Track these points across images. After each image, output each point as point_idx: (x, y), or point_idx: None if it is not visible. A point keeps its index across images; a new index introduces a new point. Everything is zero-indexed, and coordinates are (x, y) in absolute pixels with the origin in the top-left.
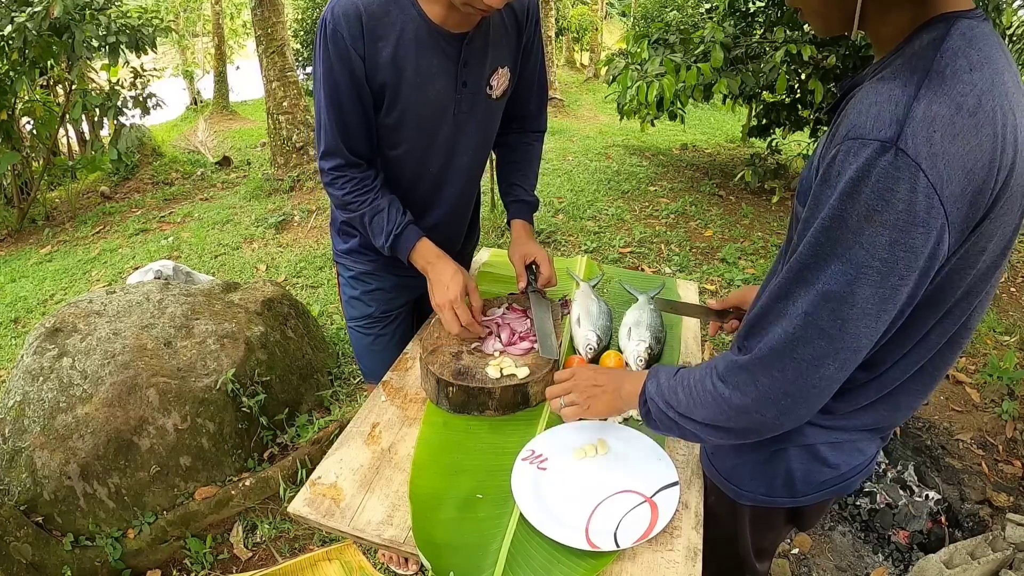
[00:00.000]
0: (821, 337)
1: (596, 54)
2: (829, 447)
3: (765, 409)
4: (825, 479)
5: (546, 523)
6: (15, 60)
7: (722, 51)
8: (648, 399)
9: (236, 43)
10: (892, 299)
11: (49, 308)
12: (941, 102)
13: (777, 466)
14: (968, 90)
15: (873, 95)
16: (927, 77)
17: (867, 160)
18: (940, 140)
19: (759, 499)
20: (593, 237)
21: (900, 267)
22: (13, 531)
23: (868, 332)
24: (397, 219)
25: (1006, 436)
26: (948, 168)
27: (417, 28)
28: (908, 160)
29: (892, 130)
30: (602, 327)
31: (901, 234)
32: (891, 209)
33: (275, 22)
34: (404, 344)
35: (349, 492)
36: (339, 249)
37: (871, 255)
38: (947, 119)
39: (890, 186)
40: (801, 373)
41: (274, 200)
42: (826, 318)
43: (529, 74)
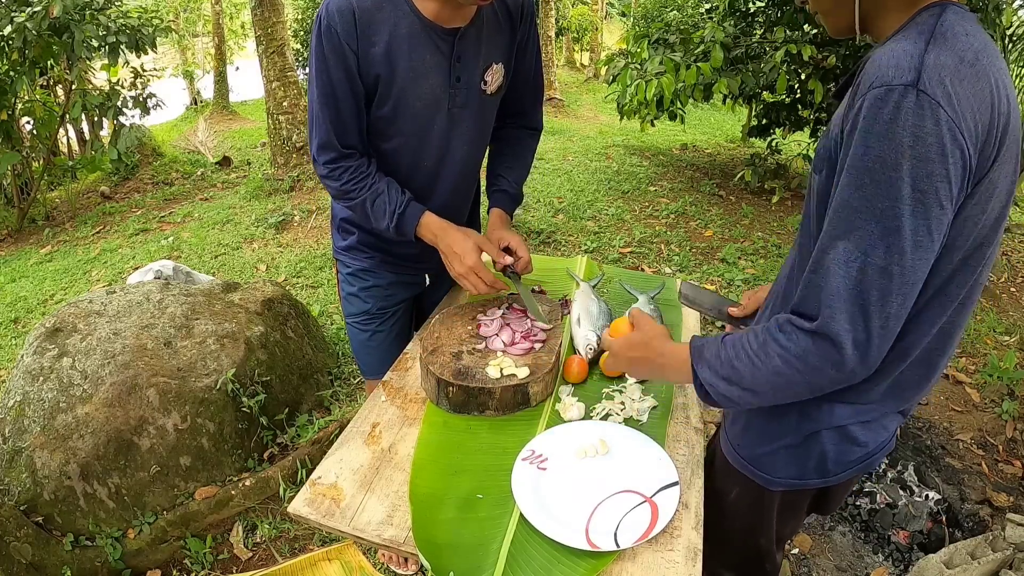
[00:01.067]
0: (882, 275)
1: (596, 54)
2: (860, 426)
3: (840, 363)
4: (854, 458)
5: (546, 523)
6: (15, 60)
7: (722, 51)
8: (706, 384)
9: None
10: (937, 228)
11: (49, 308)
12: (946, 54)
13: (811, 449)
14: (966, 47)
15: (889, 52)
16: (932, 36)
17: (895, 102)
18: (950, 83)
19: (791, 483)
20: (593, 237)
21: (940, 195)
22: (13, 531)
23: (922, 264)
24: (398, 198)
25: (1006, 436)
26: (960, 107)
27: (410, 24)
28: (928, 99)
29: (911, 75)
30: (602, 327)
31: (935, 165)
32: (922, 143)
33: (275, 22)
34: (401, 341)
35: (349, 492)
36: (339, 246)
37: (913, 187)
38: (953, 67)
39: (918, 122)
40: (869, 316)
41: (274, 200)
42: (882, 255)
43: (525, 71)
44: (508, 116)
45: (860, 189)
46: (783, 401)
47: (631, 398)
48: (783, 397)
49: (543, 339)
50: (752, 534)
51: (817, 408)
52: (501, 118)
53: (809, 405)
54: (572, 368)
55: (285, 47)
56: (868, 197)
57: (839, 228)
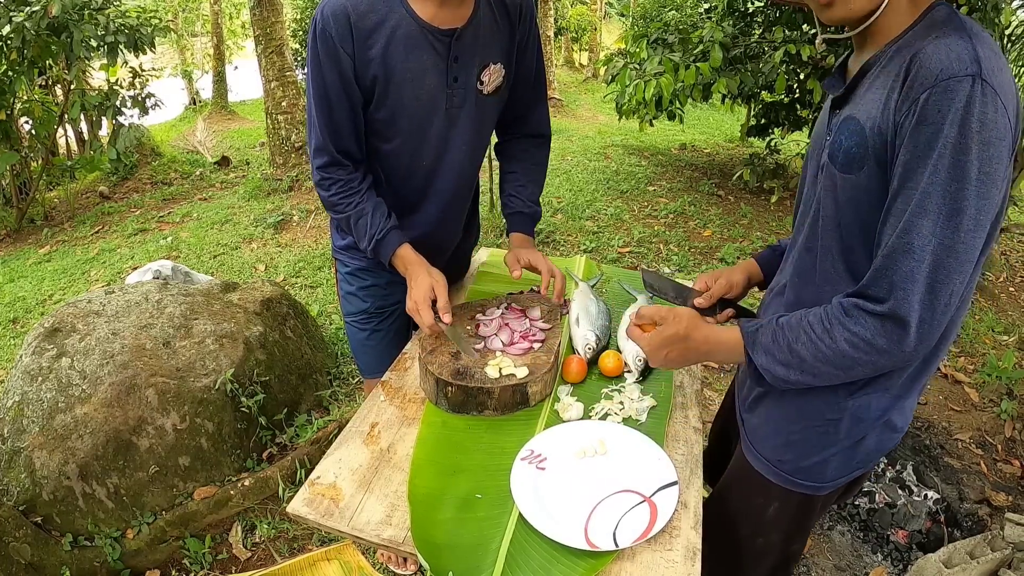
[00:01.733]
0: (949, 255)
1: (595, 54)
2: (897, 413)
3: (906, 342)
4: (892, 444)
5: (545, 523)
6: (13, 60)
7: (721, 51)
8: (761, 369)
9: (235, 43)
10: (992, 208)
11: (48, 308)
12: (987, 49)
13: (860, 448)
14: (990, 44)
15: (944, 47)
16: (969, 33)
17: (967, 92)
18: (997, 73)
19: (839, 482)
20: (592, 237)
21: (997, 176)
22: (12, 531)
23: (978, 241)
24: (380, 224)
25: (1005, 436)
26: (1005, 95)
27: (406, 26)
28: (990, 88)
29: (975, 66)
30: (601, 327)
31: (996, 148)
32: (987, 128)
33: (274, 22)
34: (399, 341)
35: (348, 492)
36: (337, 245)
37: (979, 170)
38: (994, 60)
39: (984, 109)
40: (936, 295)
41: (273, 200)
42: (950, 236)
43: (525, 71)
44: (511, 122)
45: (934, 174)
46: (838, 382)
47: (630, 398)
48: (842, 379)
49: (542, 339)
50: (789, 542)
51: (866, 410)
52: (505, 125)
53: (860, 410)
54: (571, 368)
55: (284, 47)
56: (942, 182)
57: (913, 213)
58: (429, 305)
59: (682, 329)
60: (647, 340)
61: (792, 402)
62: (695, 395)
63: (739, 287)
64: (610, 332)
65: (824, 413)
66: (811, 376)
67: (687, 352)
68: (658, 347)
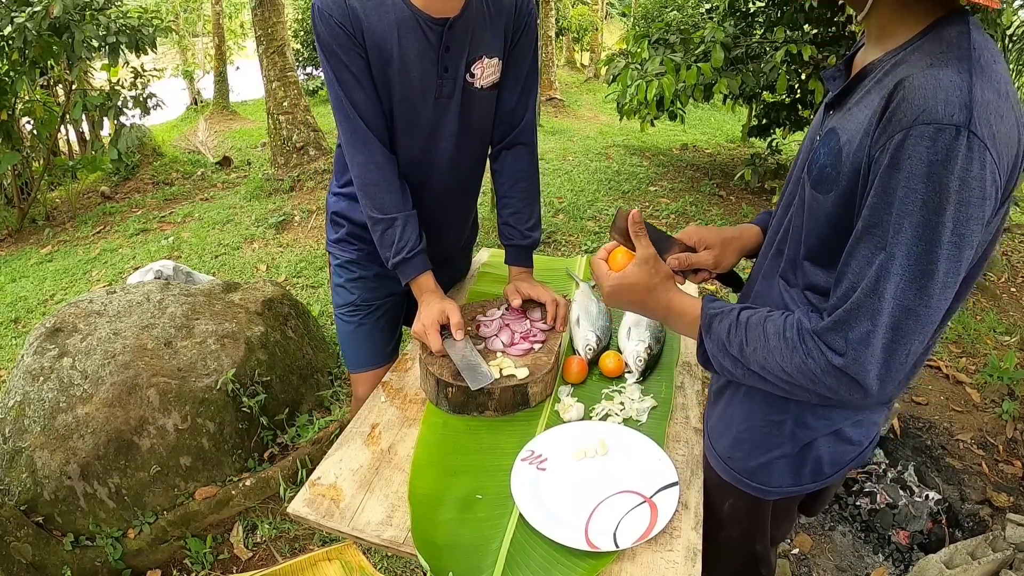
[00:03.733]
0: (909, 317)
1: (596, 54)
2: (853, 426)
3: (858, 394)
4: (849, 457)
5: (545, 524)
6: (15, 60)
7: (722, 51)
8: (709, 354)
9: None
10: (963, 268)
11: (49, 308)
12: (988, 88)
13: (807, 456)
14: (999, 78)
15: (933, 81)
16: (972, 65)
17: (946, 145)
18: (994, 121)
19: (787, 491)
20: (593, 237)
21: (972, 238)
22: (13, 531)
23: (945, 303)
24: (411, 242)
25: (1006, 436)
26: (999, 146)
27: (399, 12)
28: (979, 141)
29: (964, 115)
30: (601, 327)
31: (975, 209)
32: (967, 188)
33: (275, 22)
34: (387, 336)
35: (349, 492)
36: (330, 238)
37: (953, 232)
38: (995, 103)
39: (967, 167)
40: (892, 353)
41: (274, 200)
42: (913, 298)
43: (514, 72)
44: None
45: (899, 233)
46: (781, 393)
47: (630, 398)
48: (785, 393)
49: (542, 340)
50: (749, 541)
51: (812, 416)
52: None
53: (804, 414)
54: (571, 368)
55: (285, 47)
56: (907, 242)
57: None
58: (437, 330)
59: (651, 282)
60: (612, 278)
61: (743, 400)
62: (696, 395)
63: (727, 267)
64: (611, 333)
65: (768, 413)
66: (755, 379)
67: (644, 306)
68: (618, 290)
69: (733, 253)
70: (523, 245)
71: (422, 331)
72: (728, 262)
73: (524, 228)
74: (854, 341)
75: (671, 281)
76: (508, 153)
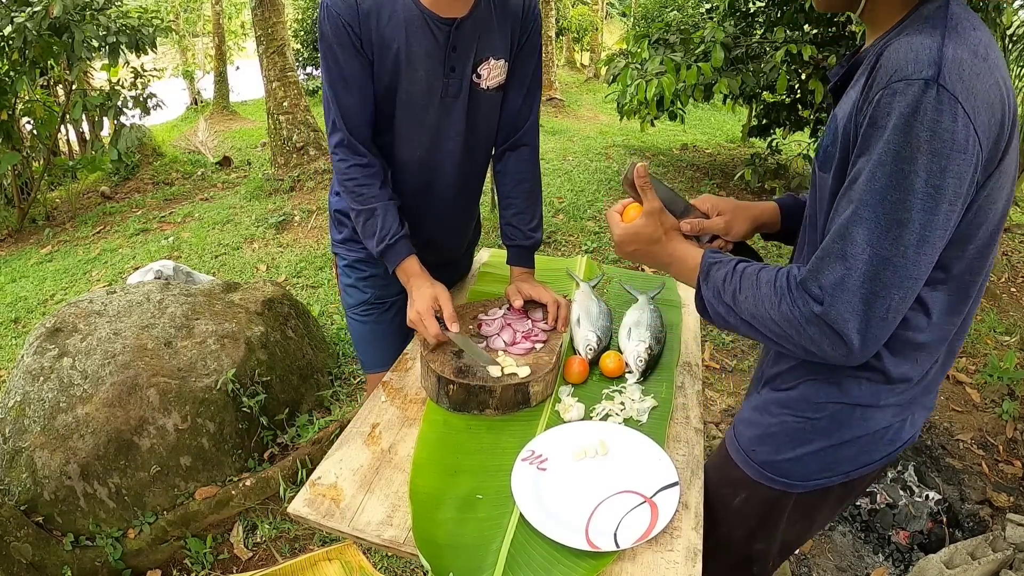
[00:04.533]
0: (886, 267)
1: (596, 54)
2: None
3: (839, 346)
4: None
5: (546, 523)
6: (15, 60)
7: (722, 51)
8: (706, 301)
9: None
10: (943, 224)
11: (49, 308)
12: (962, 48)
13: (842, 452)
14: (977, 41)
15: (906, 45)
16: (946, 30)
17: (915, 97)
18: (968, 78)
19: (815, 484)
20: (593, 237)
21: (950, 192)
22: (13, 531)
23: (926, 258)
24: (392, 228)
25: (1006, 436)
26: (976, 102)
27: (407, 10)
28: (948, 94)
29: (932, 70)
30: (602, 327)
31: (949, 161)
32: (939, 139)
33: (275, 22)
34: (401, 334)
35: (349, 492)
36: (335, 239)
37: (926, 182)
38: (969, 61)
39: (936, 118)
40: (872, 306)
41: (274, 200)
42: (889, 247)
43: (520, 74)
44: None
45: (872, 181)
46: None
47: (631, 398)
48: (774, 344)
49: (544, 339)
50: (751, 539)
51: (854, 415)
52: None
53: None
54: (572, 368)
55: (285, 47)
56: (880, 190)
57: (849, 219)
58: (433, 315)
59: (656, 233)
60: (621, 228)
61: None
62: (696, 396)
63: (738, 235)
64: (611, 333)
65: (805, 410)
66: (747, 329)
67: (649, 255)
68: (627, 239)
69: (745, 221)
70: (525, 246)
71: (417, 319)
72: (739, 229)
73: (527, 229)
74: (828, 287)
75: (675, 232)
76: (511, 154)
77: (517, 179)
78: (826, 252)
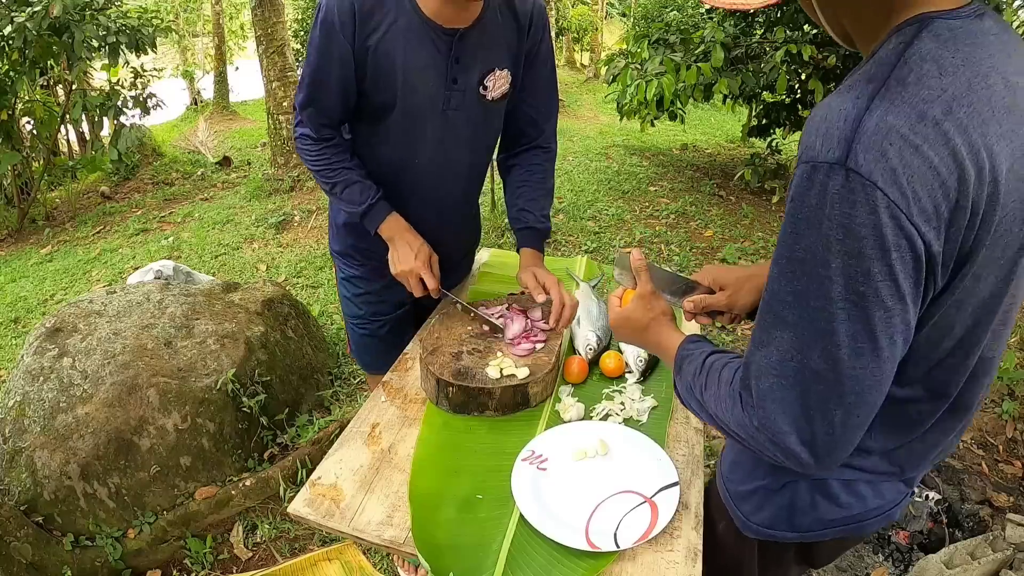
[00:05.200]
0: (818, 380)
1: (596, 54)
2: (841, 485)
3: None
4: (834, 517)
5: (546, 523)
6: (15, 60)
7: (722, 51)
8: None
9: (236, 44)
10: (885, 331)
11: (49, 308)
12: (899, 111)
13: (785, 497)
14: (934, 96)
15: (824, 111)
16: (884, 85)
17: (820, 185)
18: (898, 153)
19: (763, 532)
20: (593, 237)
21: (883, 295)
22: (13, 531)
23: (869, 372)
24: (371, 193)
25: (1006, 436)
26: (912, 183)
27: (408, 19)
28: (861, 179)
29: (840, 149)
30: (602, 327)
31: (873, 262)
32: (853, 236)
33: (275, 22)
34: (400, 341)
35: (349, 492)
36: (334, 249)
37: (846, 287)
38: (906, 128)
39: (847, 211)
40: (812, 420)
41: (274, 200)
42: (817, 359)
43: (534, 82)
44: (517, 134)
45: (791, 281)
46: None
47: (631, 398)
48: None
49: (543, 339)
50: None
51: None
52: (513, 137)
53: None
54: (572, 368)
55: (285, 47)
56: (799, 292)
57: (771, 319)
58: (429, 269)
59: (644, 318)
60: (615, 312)
61: None
62: None
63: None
64: (611, 332)
65: None
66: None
67: (641, 341)
68: (619, 323)
69: (750, 292)
70: (539, 228)
71: (410, 271)
72: (745, 302)
73: (540, 213)
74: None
75: (665, 317)
76: (526, 153)
77: (530, 170)
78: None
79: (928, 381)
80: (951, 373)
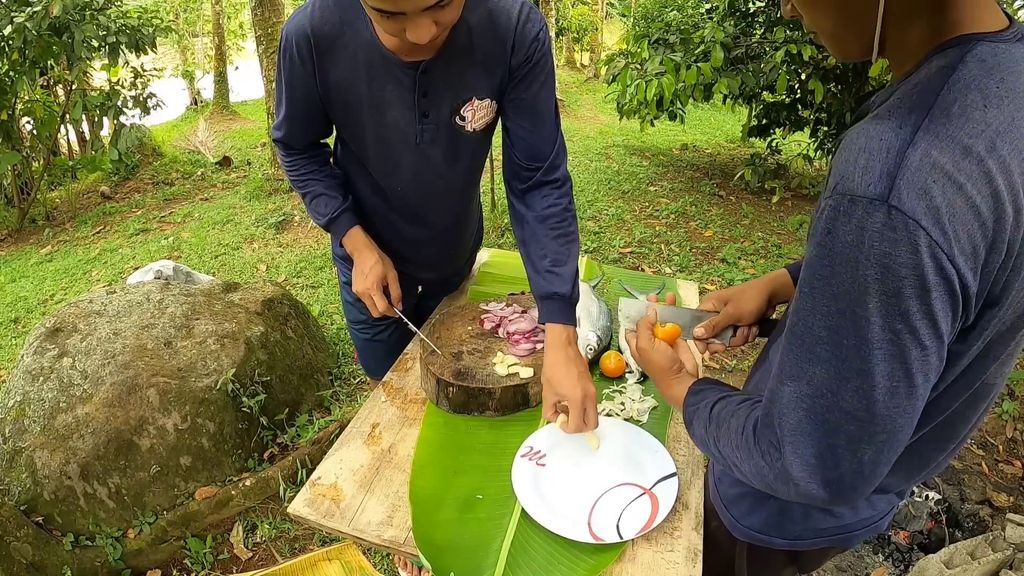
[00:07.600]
0: (849, 421)
1: (596, 54)
2: None
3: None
4: (826, 527)
5: (548, 517)
6: (15, 60)
7: (722, 51)
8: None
9: (235, 44)
10: (921, 369)
11: (49, 308)
12: (943, 146)
13: (775, 503)
14: (979, 130)
15: (863, 139)
16: (928, 116)
17: (858, 221)
18: (941, 191)
19: (752, 535)
20: (593, 237)
21: (922, 335)
22: (13, 531)
23: (903, 412)
24: (336, 204)
25: (1006, 436)
26: (954, 223)
27: (368, 53)
28: (904, 217)
29: (882, 184)
30: (602, 327)
31: (912, 301)
32: (893, 276)
33: (275, 22)
34: (401, 345)
35: (349, 492)
36: (336, 253)
37: (884, 327)
38: (951, 166)
39: (888, 250)
40: (839, 459)
41: (274, 200)
42: (850, 398)
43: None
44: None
45: (825, 317)
46: None
47: (631, 398)
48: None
49: (543, 339)
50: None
51: None
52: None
53: None
54: None
55: None
56: (833, 328)
57: (803, 354)
58: (381, 293)
59: (662, 365)
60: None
61: None
62: None
63: (752, 314)
64: (611, 332)
65: None
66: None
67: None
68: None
69: (752, 299)
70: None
71: (365, 293)
72: (751, 308)
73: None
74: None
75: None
76: (534, 193)
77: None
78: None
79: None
80: (952, 400)
